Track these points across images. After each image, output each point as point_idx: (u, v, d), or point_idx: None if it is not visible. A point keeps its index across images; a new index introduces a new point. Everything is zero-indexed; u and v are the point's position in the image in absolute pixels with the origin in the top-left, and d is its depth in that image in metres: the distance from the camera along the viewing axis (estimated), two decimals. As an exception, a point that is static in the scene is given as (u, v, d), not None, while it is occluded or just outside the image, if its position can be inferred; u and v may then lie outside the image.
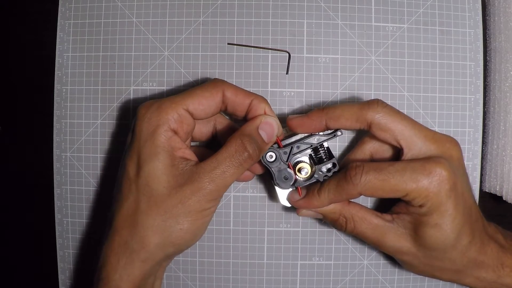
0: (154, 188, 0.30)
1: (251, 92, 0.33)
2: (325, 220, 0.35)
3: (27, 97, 0.40)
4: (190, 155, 0.31)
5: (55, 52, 0.39)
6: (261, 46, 0.38)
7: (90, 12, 0.39)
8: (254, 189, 0.39)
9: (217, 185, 0.30)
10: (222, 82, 0.32)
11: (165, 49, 0.39)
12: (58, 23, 0.39)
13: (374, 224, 0.33)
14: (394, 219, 0.33)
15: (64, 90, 0.39)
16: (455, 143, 0.33)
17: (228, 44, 0.38)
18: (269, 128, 0.32)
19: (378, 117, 0.31)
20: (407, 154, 0.32)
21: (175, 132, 0.31)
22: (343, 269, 0.39)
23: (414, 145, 0.32)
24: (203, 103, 0.31)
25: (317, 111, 0.33)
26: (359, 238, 0.34)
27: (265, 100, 0.33)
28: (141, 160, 0.30)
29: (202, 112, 0.32)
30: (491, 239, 0.33)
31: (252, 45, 0.38)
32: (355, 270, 0.39)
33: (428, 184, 0.30)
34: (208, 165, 0.30)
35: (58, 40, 0.39)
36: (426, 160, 0.31)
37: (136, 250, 0.30)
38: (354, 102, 0.33)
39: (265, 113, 0.32)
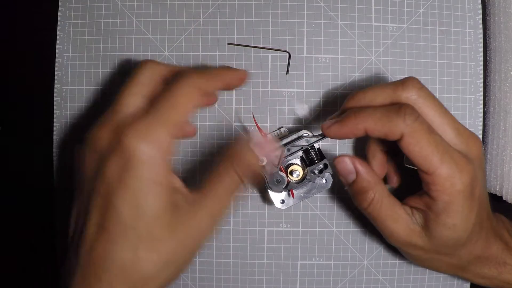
0: None
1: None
2: (350, 189, 0.32)
3: (27, 97, 0.40)
4: None
5: (55, 52, 0.39)
6: (261, 46, 0.38)
7: (90, 12, 0.39)
8: (254, 189, 0.39)
9: None
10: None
11: (165, 49, 0.39)
12: (58, 23, 0.39)
13: (397, 214, 0.31)
14: (413, 213, 0.32)
15: (64, 90, 0.39)
16: (479, 141, 0.31)
17: (228, 44, 0.38)
18: None
19: (407, 131, 0.28)
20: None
21: None
22: (343, 269, 0.39)
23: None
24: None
25: (352, 118, 0.30)
26: (371, 220, 0.32)
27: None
28: None
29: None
30: (497, 237, 0.33)
31: (252, 45, 0.38)
32: (355, 270, 0.39)
33: (453, 179, 0.29)
34: None
35: (58, 40, 0.39)
36: (463, 155, 0.30)
37: None
38: (381, 108, 0.29)
39: None
